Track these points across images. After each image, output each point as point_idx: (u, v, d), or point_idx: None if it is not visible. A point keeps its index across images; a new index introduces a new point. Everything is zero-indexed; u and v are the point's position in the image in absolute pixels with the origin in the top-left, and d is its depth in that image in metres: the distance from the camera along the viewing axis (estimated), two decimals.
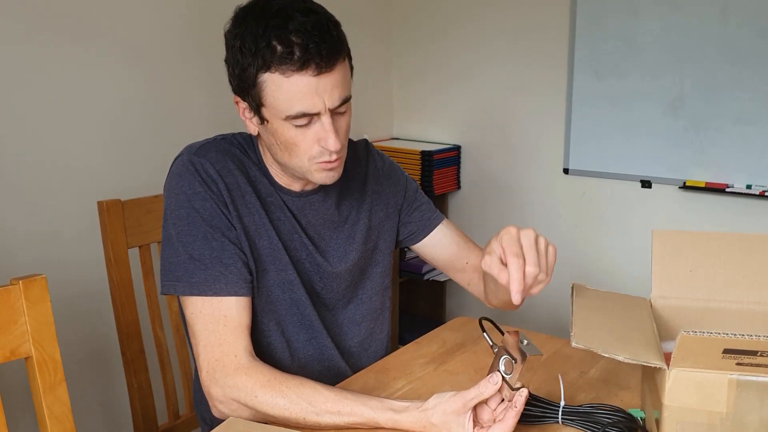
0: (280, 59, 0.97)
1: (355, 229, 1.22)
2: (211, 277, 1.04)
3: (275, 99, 1.00)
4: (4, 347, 0.89)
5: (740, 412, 0.82)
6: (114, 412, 1.94)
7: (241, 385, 1.00)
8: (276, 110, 1.01)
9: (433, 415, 0.92)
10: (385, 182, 1.28)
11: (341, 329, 1.24)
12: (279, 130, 1.03)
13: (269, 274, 1.13)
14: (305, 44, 0.96)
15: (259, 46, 0.97)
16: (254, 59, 0.98)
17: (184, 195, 1.07)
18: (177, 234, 1.07)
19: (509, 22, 2.56)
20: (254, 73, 0.99)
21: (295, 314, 1.16)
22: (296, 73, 0.97)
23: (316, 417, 0.96)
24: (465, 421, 0.90)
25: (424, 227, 1.30)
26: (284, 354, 1.17)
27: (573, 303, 0.99)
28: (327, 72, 0.99)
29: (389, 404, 0.96)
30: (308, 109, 1.00)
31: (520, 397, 0.89)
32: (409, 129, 2.88)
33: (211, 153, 1.10)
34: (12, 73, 1.66)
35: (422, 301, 2.90)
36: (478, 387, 0.90)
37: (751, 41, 2.10)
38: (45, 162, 1.74)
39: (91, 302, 1.80)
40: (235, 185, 1.09)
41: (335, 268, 1.19)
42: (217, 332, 1.03)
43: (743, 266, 1.00)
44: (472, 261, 1.30)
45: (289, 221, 1.14)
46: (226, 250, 1.06)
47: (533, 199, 2.63)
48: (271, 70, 0.98)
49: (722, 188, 2.20)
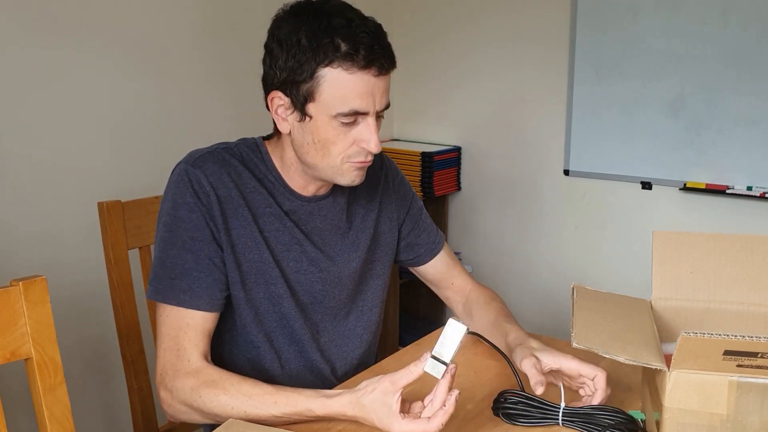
0: (345, 55, 0.99)
1: (360, 237, 1.23)
2: (177, 287, 1.06)
3: (330, 95, 1.01)
4: (4, 348, 0.89)
5: (741, 413, 0.82)
6: (114, 414, 1.94)
7: (187, 387, 1.01)
8: (326, 106, 1.02)
9: (363, 395, 0.93)
10: (393, 195, 1.29)
11: (343, 341, 1.23)
12: (321, 127, 1.04)
13: (258, 288, 1.13)
14: (371, 44, 1.00)
15: (321, 42, 0.99)
16: (315, 53, 0.99)
17: (174, 203, 1.08)
18: (160, 239, 1.09)
19: (510, 24, 2.56)
20: (314, 67, 1.00)
21: (284, 327, 1.16)
22: (360, 71, 1.00)
23: (256, 410, 0.97)
24: (392, 402, 0.91)
25: (429, 251, 1.33)
26: (274, 364, 1.17)
27: (573, 304, 0.99)
28: (385, 74, 1.03)
29: (323, 392, 0.98)
30: (361, 107, 1.02)
31: (450, 397, 0.89)
32: (410, 130, 2.88)
33: (207, 164, 1.10)
34: (13, 73, 1.66)
35: (422, 302, 2.90)
36: (407, 367, 0.91)
37: (752, 42, 2.10)
38: (45, 163, 1.74)
39: (91, 303, 1.80)
40: (227, 197, 1.09)
41: (341, 270, 1.20)
42: (178, 338, 1.05)
43: (744, 267, 1.00)
44: (457, 282, 1.35)
45: (288, 231, 1.14)
46: (200, 263, 1.07)
47: (534, 200, 2.63)
48: (333, 65, 1.00)
49: (723, 189, 2.20)
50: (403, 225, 1.30)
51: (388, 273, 1.30)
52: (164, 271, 1.07)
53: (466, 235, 2.80)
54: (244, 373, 1.14)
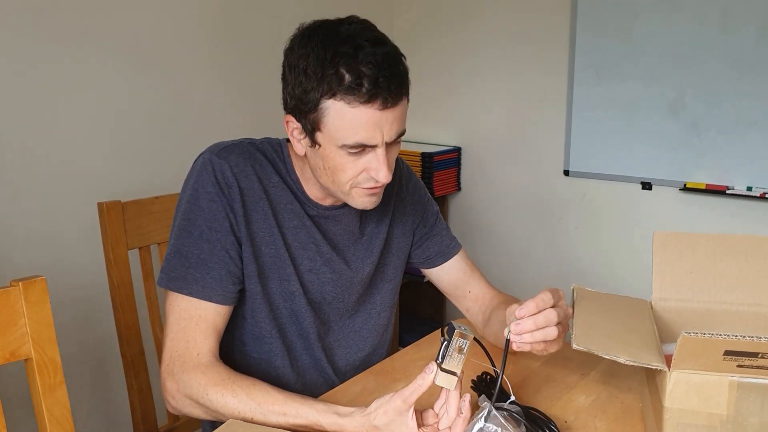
0: (347, 89, 0.95)
1: (374, 242, 1.23)
2: (191, 277, 1.05)
3: (335, 127, 0.98)
4: (4, 349, 0.89)
5: (741, 414, 0.82)
6: (114, 414, 1.94)
7: (194, 382, 1.00)
8: (332, 137, 1.00)
9: (376, 417, 0.91)
10: (408, 199, 1.29)
11: (347, 341, 1.23)
12: (330, 155, 1.02)
13: (272, 282, 1.13)
14: (375, 77, 0.95)
15: (326, 72, 0.95)
16: (319, 84, 0.96)
17: (195, 192, 1.07)
18: (177, 227, 1.08)
19: (510, 24, 2.56)
20: (317, 97, 0.97)
21: (294, 324, 1.16)
22: (362, 105, 0.96)
23: (263, 417, 0.97)
24: (407, 420, 0.89)
25: (442, 254, 1.31)
26: (284, 360, 1.17)
27: (574, 305, 0.99)
28: (392, 107, 0.98)
29: (335, 408, 0.96)
30: (367, 140, 0.99)
31: (464, 403, 0.89)
32: (410, 130, 2.85)
33: (232, 155, 1.09)
34: (13, 73, 1.66)
35: (423, 303, 2.90)
36: (414, 381, 0.89)
37: (752, 43, 2.10)
38: (45, 163, 1.74)
39: (91, 304, 1.80)
40: (250, 190, 1.09)
41: (354, 275, 1.20)
42: (188, 329, 1.04)
43: (744, 268, 1.00)
44: (474, 291, 1.30)
45: (307, 230, 1.14)
46: (216, 254, 1.06)
47: (534, 200, 2.63)
48: (336, 97, 0.96)
49: (723, 190, 2.20)
50: (417, 228, 1.30)
51: (400, 277, 1.30)
52: (179, 259, 1.06)
53: (466, 235, 2.79)
54: (253, 369, 1.14)
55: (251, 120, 2.22)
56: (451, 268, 1.32)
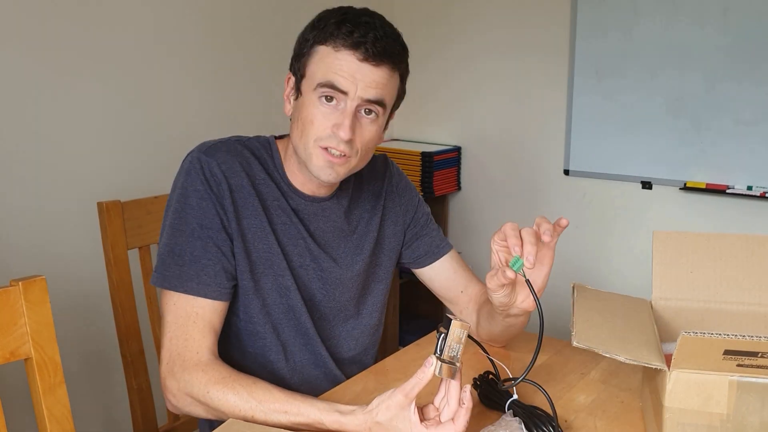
0: (337, 35, 1.03)
1: (364, 241, 1.23)
2: (185, 275, 1.05)
3: (317, 68, 1.05)
4: (4, 348, 0.89)
5: (741, 413, 0.82)
6: (114, 414, 1.94)
7: (195, 380, 1.00)
8: (311, 80, 1.05)
9: (378, 414, 0.91)
10: (398, 200, 1.29)
11: (338, 341, 1.23)
12: (306, 104, 1.06)
13: (266, 278, 1.13)
14: (365, 32, 1.03)
15: (327, 23, 1.05)
16: (318, 32, 1.05)
17: (184, 190, 1.08)
18: (168, 226, 1.09)
19: (510, 23, 2.56)
20: (311, 43, 1.06)
21: (290, 320, 1.16)
22: (345, 50, 1.03)
23: (264, 415, 0.97)
24: (410, 414, 0.89)
25: (431, 254, 1.31)
26: (279, 357, 1.17)
27: (574, 303, 0.99)
28: (372, 63, 1.03)
29: (336, 407, 0.96)
30: (339, 83, 1.03)
31: (465, 393, 0.89)
32: (410, 130, 2.88)
33: (219, 153, 1.10)
34: (12, 73, 1.66)
35: (422, 302, 2.89)
36: (415, 375, 0.89)
37: (753, 42, 2.09)
38: (45, 163, 1.74)
39: (90, 303, 1.80)
40: (239, 186, 1.10)
41: (343, 272, 1.20)
42: (186, 327, 1.04)
43: (744, 267, 1.00)
44: (467, 291, 1.30)
45: (295, 227, 1.15)
46: (208, 251, 1.07)
47: (534, 200, 2.63)
48: (326, 43, 1.04)
49: (723, 189, 2.20)
50: (408, 228, 1.30)
51: (390, 278, 1.30)
52: (172, 258, 1.06)
53: (466, 235, 2.79)
54: (248, 365, 1.14)
55: (251, 120, 2.22)
56: (441, 268, 1.31)
